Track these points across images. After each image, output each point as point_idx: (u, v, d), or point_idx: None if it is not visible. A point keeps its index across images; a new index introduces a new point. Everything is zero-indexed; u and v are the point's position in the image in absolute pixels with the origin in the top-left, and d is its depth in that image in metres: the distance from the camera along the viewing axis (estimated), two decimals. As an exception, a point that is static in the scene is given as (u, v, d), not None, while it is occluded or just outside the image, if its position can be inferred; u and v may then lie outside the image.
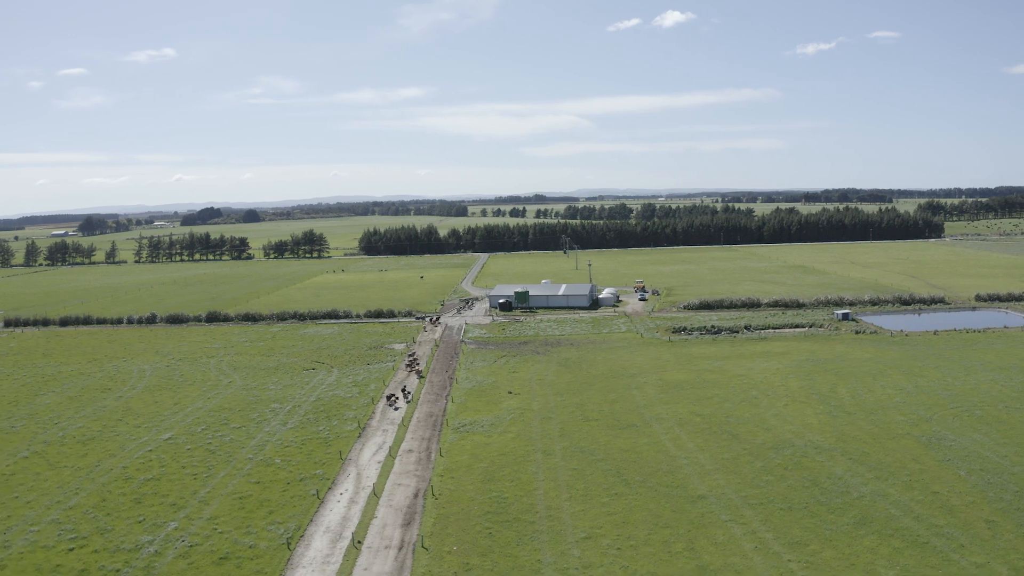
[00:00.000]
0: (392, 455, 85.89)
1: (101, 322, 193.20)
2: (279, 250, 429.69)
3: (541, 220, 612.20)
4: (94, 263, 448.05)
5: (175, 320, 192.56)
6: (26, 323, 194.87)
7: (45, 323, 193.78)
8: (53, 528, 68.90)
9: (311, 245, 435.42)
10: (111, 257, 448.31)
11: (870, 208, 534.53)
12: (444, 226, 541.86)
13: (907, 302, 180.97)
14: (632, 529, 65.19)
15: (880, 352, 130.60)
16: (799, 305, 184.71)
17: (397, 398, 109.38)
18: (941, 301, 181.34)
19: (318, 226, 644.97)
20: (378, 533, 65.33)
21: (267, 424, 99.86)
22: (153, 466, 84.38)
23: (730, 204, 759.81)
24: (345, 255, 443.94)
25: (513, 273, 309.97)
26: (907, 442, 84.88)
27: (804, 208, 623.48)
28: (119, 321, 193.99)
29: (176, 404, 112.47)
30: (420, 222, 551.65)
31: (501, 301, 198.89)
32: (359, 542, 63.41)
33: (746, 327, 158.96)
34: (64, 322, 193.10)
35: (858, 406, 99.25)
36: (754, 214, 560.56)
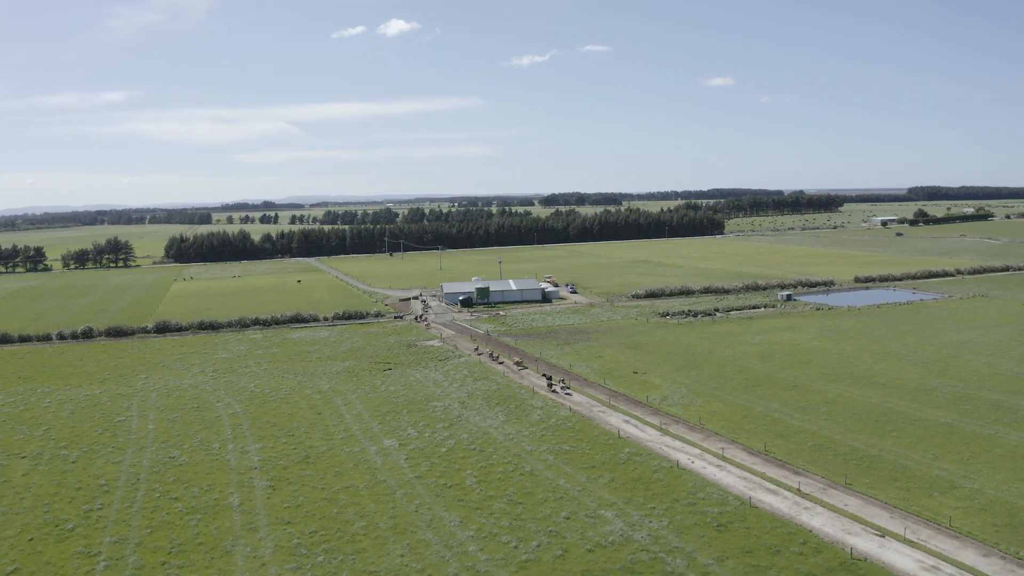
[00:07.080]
0: (660, 428, 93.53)
1: (25, 339, 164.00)
2: (80, 260, 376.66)
3: (358, 225, 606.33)
4: None
5: (118, 333, 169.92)
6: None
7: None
8: (490, 544, 66.01)
9: (116, 254, 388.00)
10: None
11: (653, 208, 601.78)
12: (255, 231, 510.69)
13: (809, 285, 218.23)
14: (952, 446, 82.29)
15: (863, 323, 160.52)
16: (725, 291, 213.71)
17: (559, 385, 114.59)
18: (831, 283, 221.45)
19: (60, 237, 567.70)
20: (798, 483, 74.69)
21: (472, 420, 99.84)
22: (453, 474, 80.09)
23: (506, 208, 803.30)
24: (154, 264, 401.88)
25: (382, 274, 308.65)
26: (1003, 378, 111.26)
27: (584, 210, 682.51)
28: (47, 338, 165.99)
29: (317, 415, 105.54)
30: (231, 229, 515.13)
31: (462, 298, 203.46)
32: (798, 490, 72.57)
33: (716, 310, 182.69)
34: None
35: (925, 359, 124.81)
36: (532, 215, 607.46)
